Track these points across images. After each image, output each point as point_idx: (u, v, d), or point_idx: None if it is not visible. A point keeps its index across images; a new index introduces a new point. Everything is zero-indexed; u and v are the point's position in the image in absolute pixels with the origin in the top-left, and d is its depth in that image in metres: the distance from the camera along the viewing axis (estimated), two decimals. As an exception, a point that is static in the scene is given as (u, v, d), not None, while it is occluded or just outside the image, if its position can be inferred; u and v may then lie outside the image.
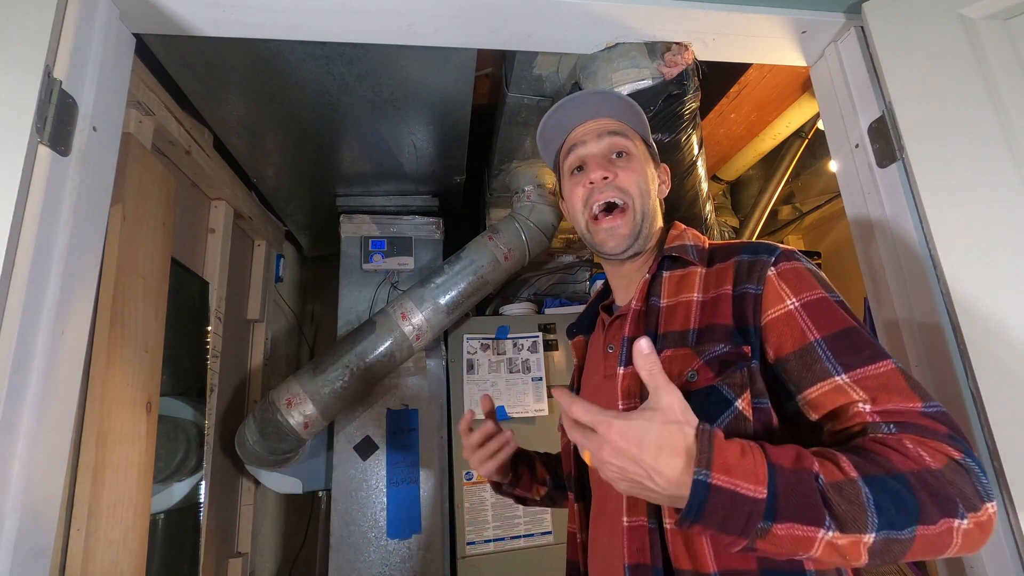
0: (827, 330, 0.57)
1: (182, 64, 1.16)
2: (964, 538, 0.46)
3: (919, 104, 0.80)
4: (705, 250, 0.71)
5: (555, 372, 1.79)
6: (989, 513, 0.46)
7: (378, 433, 1.67)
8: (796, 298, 0.59)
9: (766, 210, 1.83)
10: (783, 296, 0.60)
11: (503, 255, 1.63)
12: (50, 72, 0.66)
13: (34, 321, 0.62)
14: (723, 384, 0.59)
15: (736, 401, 0.58)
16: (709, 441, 0.47)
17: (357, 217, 1.85)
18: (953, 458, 0.47)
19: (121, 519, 1.02)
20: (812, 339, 0.57)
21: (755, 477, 0.45)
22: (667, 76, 1.02)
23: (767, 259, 0.62)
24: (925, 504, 0.45)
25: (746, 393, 0.59)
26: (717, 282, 0.65)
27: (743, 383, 0.59)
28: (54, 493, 0.64)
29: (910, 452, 0.47)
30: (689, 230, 0.75)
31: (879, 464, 0.47)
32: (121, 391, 1.04)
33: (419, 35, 0.92)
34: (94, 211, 0.72)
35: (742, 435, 0.55)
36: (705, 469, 0.45)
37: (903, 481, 0.45)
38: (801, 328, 0.57)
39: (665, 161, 0.86)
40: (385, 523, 1.59)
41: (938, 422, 0.50)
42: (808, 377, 0.56)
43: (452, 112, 1.40)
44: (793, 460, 0.47)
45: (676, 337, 0.65)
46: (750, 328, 0.60)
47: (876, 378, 0.53)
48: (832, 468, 0.47)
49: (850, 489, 0.45)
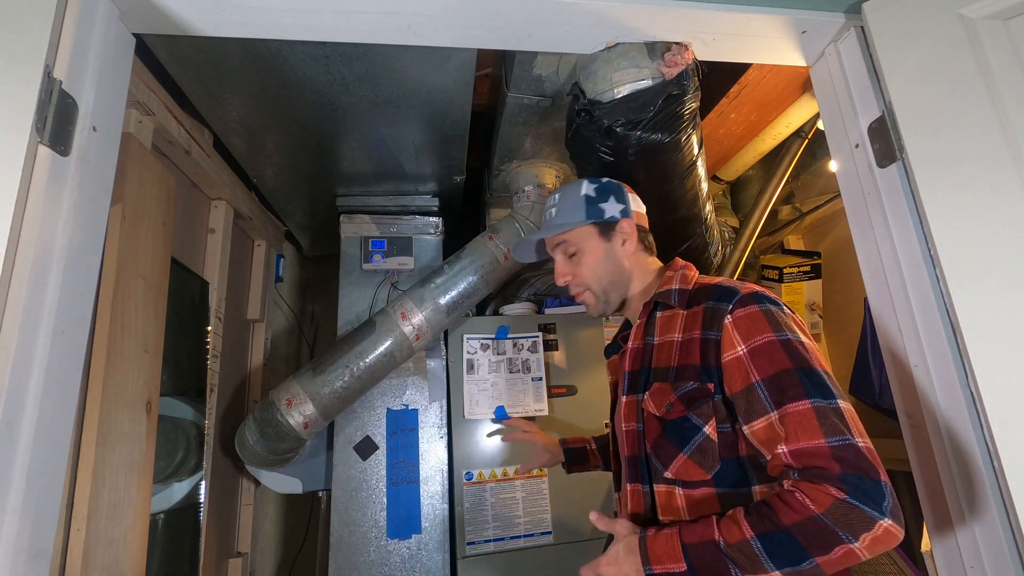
0: (766, 372, 0.70)
1: (182, 64, 1.16)
2: (869, 549, 0.59)
3: (919, 104, 0.80)
4: (688, 291, 0.85)
5: (555, 372, 1.79)
6: (884, 527, 0.59)
7: (378, 433, 1.67)
8: (745, 344, 0.72)
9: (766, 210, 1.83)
10: (735, 343, 0.73)
11: (503, 255, 1.63)
12: (50, 72, 0.66)
13: (34, 321, 0.62)
14: (692, 414, 0.75)
15: (704, 427, 0.74)
16: (644, 543, 0.70)
17: (357, 217, 1.85)
18: (838, 498, 0.60)
19: (121, 519, 1.02)
20: (754, 380, 0.70)
21: (675, 557, 0.67)
22: (667, 76, 1.03)
23: (725, 307, 0.76)
24: (811, 545, 0.60)
25: (711, 420, 0.74)
26: (691, 325, 0.80)
27: (709, 413, 0.74)
28: (54, 493, 0.64)
29: (797, 504, 0.61)
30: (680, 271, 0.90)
31: (771, 520, 0.63)
32: (121, 391, 1.04)
33: (419, 35, 0.92)
34: (94, 211, 0.72)
35: (710, 452, 0.73)
36: (647, 564, 0.68)
37: (787, 533, 0.61)
38: (746, 370, 0.71)
39: (665, 161, 0.90)
40: (385, 523, 1.58)
41: (836, 460, 0.62)
42: (751, 413, 0.70)
43: (452, 112, 1.40)
44: (700, 535, 0.66)
45: (662, 373, 0.81)
46: (712, 368, 0.75)
47: (793, 416, 0.66)
48: (734, 529, 0.64)
49: (746, 547, 0.63)
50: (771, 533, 0.62)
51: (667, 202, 1.23)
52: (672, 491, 0.76)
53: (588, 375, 1.81)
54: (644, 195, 1.01)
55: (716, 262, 1.70)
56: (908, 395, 0.81)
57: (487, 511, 1.63)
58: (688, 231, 1.41)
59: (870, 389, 1.66)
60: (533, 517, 1.64)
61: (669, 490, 0.77)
